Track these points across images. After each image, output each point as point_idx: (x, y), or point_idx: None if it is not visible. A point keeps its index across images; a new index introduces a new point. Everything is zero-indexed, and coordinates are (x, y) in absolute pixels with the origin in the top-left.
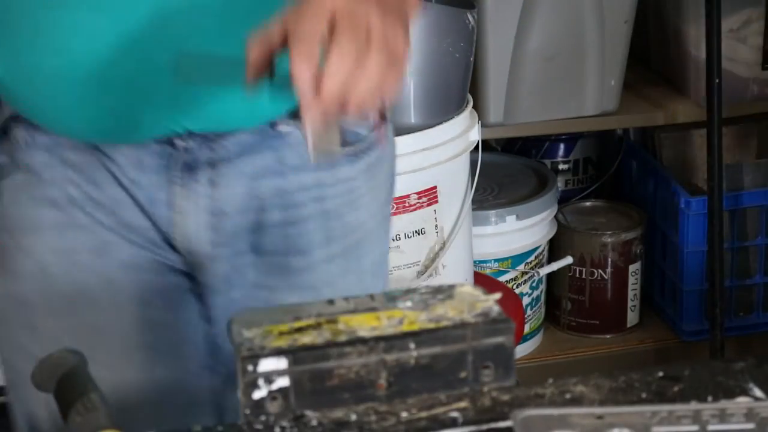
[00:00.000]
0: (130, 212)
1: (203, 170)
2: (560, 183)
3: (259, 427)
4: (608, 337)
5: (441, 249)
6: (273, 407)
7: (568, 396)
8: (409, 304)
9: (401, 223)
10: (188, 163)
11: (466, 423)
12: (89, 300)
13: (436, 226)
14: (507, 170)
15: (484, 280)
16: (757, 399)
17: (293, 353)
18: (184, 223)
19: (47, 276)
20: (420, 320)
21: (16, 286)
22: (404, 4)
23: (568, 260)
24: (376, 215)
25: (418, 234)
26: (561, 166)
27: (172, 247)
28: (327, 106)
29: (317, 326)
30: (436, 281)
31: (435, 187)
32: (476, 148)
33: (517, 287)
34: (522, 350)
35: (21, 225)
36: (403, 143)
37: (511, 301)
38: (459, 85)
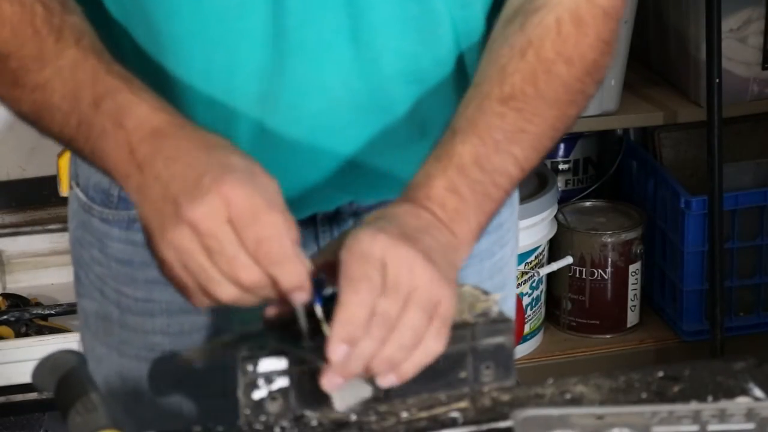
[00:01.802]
0: None
1: (347, 221)
2: (560, 183)
3: (259, 427)
4: (608, 337)
5: None
6: (273, 407)
7: (568, 396)
8: None
9: None
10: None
11: (466, 423)
12: None
13: None
14: None
15: None
16: (757, 399)
17: (293, 353)
18: None
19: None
20: None
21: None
22: (455, 254)
23: (568, 260)
24: (514, 252)
25: None
26: (561, 166)
27: None
28: (349, 372)
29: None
30: None
31: None
32: None
33: (517, 287)
34: (522, 350)
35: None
36: None
37: None
38: None
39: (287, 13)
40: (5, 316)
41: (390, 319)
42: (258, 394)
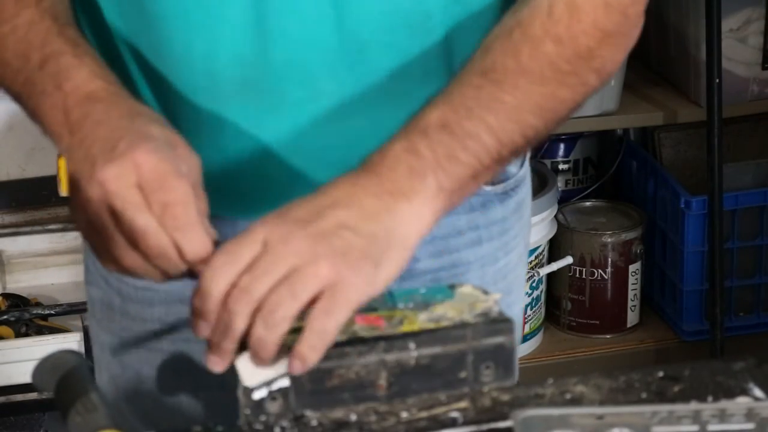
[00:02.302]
0: None
1: None
2: (560, 183)
3: (259, 427)
4: (608, 337)
5: None
6: (273, 407)
7: (568, 396)
8: (409, 304)
9: None
10: None
11: (466, 423)
12: None
13: None
14: None
15: None
16: (757, 399)
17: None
18: None
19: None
20: (420, 320)
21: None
22: (391, 218)
23: (568, 260)
24: (522, 259)
25: None
26: (561, 166)
27: None
28: (224, 350)
29: None
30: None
31: None
32: None
33: None
34: (522, 350)
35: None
36: None
37: None
38: None
39: (269, 0)
40: (5, 316)
41: (248, 295)
42: (258, 394)
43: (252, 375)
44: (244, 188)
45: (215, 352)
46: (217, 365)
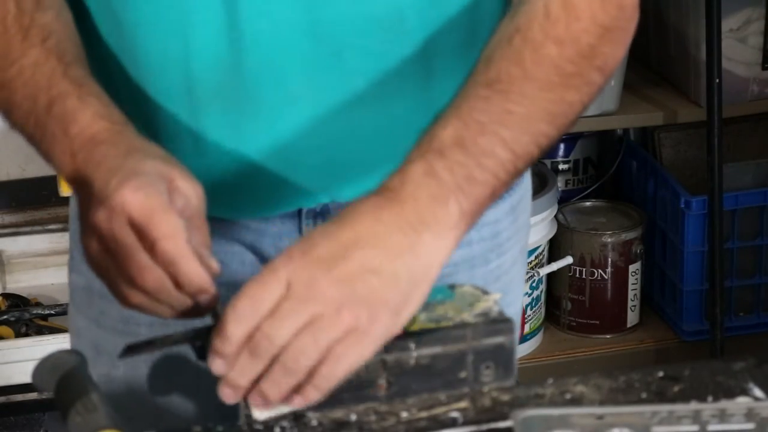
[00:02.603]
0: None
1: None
2: (560, 183)
3: (259, 427)
4: (608, 337)
5: None
6: None
7: (568, 396)
8: None
9: None
10: (320, 213)
11: (466, 423)
12: None
13: None
14: None
15: None
16: (757, 399)
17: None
18: None
19: None
20: (420, 320)
21: None
22: (415, 258)
23: (568, 260)
24: (518, 261)
25: None
26: (561, 166)
27: None
28: (240, 389)
29: None
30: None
31: None
32: None
33: None
34: (522, 350)
35: None
36: None
37: None
38: None
39: (240, 4)
40: (5, 316)
41: (267, 339)
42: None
43: (263, 409)
44: (226, 190)
45: (231, 387)
46: (230, 398)
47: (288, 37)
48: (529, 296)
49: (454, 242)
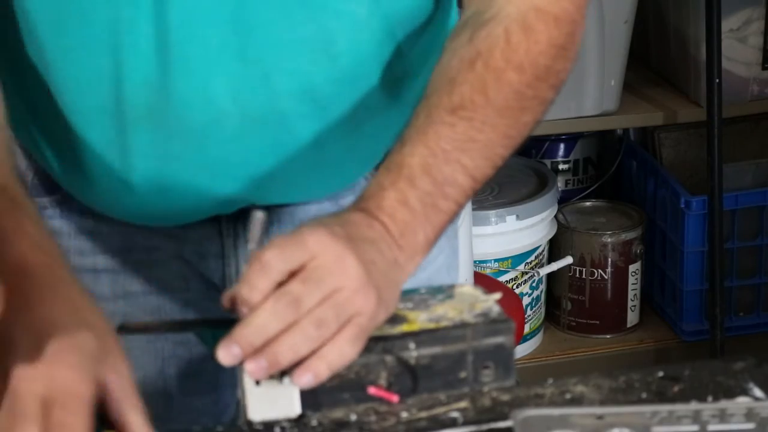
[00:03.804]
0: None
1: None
2: (560, 183)
3: (259, 427)
4: (608, 337)
5: None
6: None
7: (568, 396)
8: (409, 304)
9: None
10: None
11: (466, 423)
12: None
13: None
14: (507, 170)
15: (484, 280)
16: (757, 399)
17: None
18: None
19: None
20: (420, 320)
21: None
22: (398, 272)
23: (568, 260)
24: (444, 249)
25: None
26: (561, 166)
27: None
28: (249, 344)
29: None
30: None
31: None
32: None
33: (517, 287)
34: (522, 350)
35: None
36: None
37: (511, 301)
38: None
39: (170, 28)
40: None
41: (295, 301)
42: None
43: (259, 410)
44: (151, 205)
45: (235, 343)
46: (228, 361)
47: (217, 60)
48: (529, 296)
49: (414, 268)
